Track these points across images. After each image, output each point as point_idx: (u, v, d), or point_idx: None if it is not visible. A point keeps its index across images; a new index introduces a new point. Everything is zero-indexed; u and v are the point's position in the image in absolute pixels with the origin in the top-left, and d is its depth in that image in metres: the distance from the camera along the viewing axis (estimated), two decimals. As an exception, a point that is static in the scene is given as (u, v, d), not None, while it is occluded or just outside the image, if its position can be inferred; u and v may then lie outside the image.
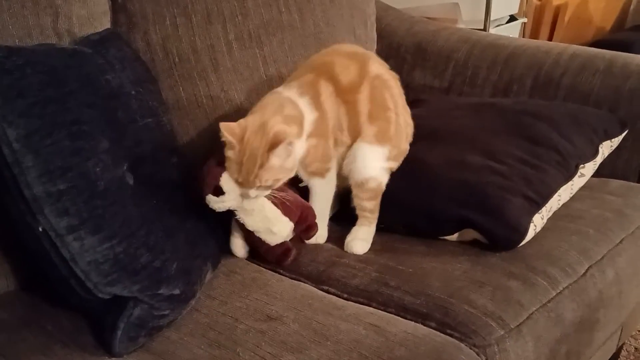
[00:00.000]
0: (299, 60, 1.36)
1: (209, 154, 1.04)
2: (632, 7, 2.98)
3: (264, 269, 1.06)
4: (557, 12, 2.78)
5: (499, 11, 2.01)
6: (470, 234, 1.03)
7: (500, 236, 0.98)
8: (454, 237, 1.05)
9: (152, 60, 1.21)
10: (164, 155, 1.07)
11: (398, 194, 1.09)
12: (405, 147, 1.14)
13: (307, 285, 1.01)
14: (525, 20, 2.32)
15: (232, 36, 1.29)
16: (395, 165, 1.10)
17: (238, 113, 1.28)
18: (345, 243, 1.07)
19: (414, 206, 1.07)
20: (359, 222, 1.08)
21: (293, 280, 1.02)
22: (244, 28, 1.30)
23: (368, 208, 1.08)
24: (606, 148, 1.25)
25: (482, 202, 1.01)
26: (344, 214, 1.11)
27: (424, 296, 0.90)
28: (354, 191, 1.07)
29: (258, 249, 1.05)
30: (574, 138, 1.18)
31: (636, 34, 2.63)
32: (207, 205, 0.98)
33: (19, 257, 0.97)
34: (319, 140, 1.03)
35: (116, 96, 0.98)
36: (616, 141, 1.28)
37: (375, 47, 1.65)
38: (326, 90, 1.05)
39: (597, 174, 1.26)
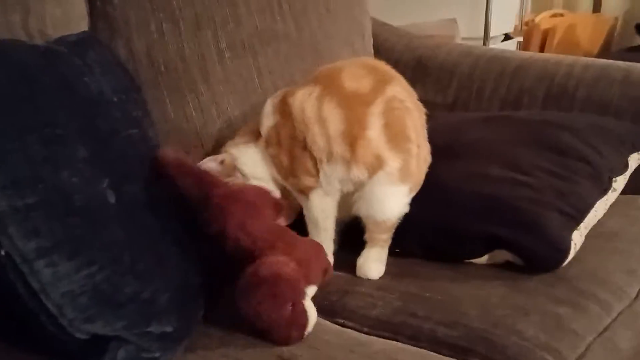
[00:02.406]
0: (295, 72, 1.26)
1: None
2: (617, 32, 2.98)
3: None
4: (545, 36, 2.75)
5: (495, 29, 1.95)
6: (502, 255, 0.91)
7: (540, 255, 0.86)
8: (482, 259, 0.93)
9: (135, 69, 1.09)
10: (150, 172, 0.94)
11: (415, 214, 0.97)
12: (422, 178, 0.99)
13: (319, 319, 0.87)
14: (521, 39, 2.27)
15: (224, 44, 1.17)
16: (413, 195, 0.97)
17: (230, 128, 1.16)
18: (358, 266, 0.94)
19: (434, 226, 0.95)
20: (369, 244, 0.95)
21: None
22: (237, 36, 1.19)
23: (383, 238, 0.96)
24: (634, 161, 1.16)
25: (514, 218, 0.89)
26: (349, 239, 0.98)
27: (461, 327, 0.78)
28: (369, 226, 0.94)
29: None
30: (602, 149, 1.08)
31: (622, 57, 2.61)
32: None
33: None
34: (279, 151, 0.94)
35: (96, 102, 0.85)
36: (644, 153, 1.19)
37: (373, 62, 1.56)
38: (308, 93, 0.93)
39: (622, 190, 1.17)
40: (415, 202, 0.97)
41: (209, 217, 0.83)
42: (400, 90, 0.98)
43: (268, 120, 0.94)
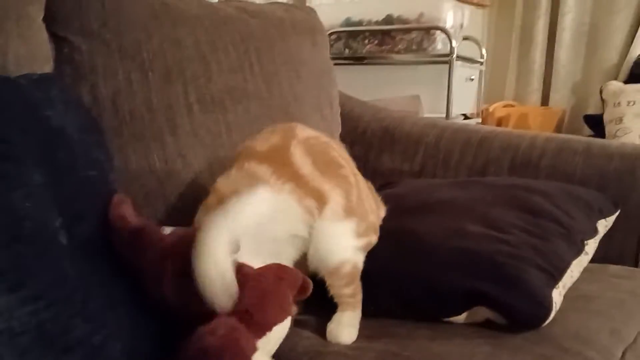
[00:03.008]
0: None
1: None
2: (565, 121, 3.14)
3: None
4: (499, 123, 2.87)
5: (456, 109, 2.01)
6: (482, 312, 0.86)
7: (522, 311, 0.81)
8: (461, 317, 0.87)
9: (99, 115, 1.04)
10: (104, 217, 0.87)
11: (389, 269, 0.92)
12: (372, 219, 0.97)
13: (289, 380, 0.79)
14: (479, 120, 2.35)
15: (194, 98, 1.15)
16: (367, 241, 0.93)
17: (196, 181, 1.11)
18: (328, 331, 0.87)
19: (410, 280, 0.90)
20: (340, 307, 0.89)
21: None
22: (207, 91, 1.17)
23: (348, 293, 0.90)
24: (602, 227, 1.15)
25: (495, 273, 0.85)
26: (320, 298, 0.91)
27: (447, 385, 0.71)
28: (329, 281, 0.88)
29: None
30: (573, 213, 1.08)
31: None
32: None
33: None
34: None
35: (56, 136, 0.79)
36: (610, 220, 1.19)
37: (339, 130, 1.56)
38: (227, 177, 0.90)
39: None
40: (389, 256, 0.92)
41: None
42: (311, 132, 0.96)
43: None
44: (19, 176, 0.60)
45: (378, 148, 1.55)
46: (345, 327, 0.87)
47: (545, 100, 3.23)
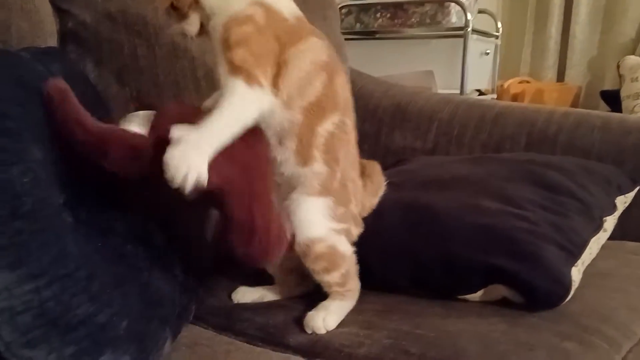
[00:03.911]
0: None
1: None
2: (581, 97, 3.08)
3: (238, 342, 0.82)
4: (514, 100, 2.81)
5: (471, 84, 1.96)
6: (498, 290, 0.83)
7: (541, 290, 0.79)
8: (476, 295, 0.85)
9: (104, 92, 1.02)
10: (109, 195, 0.85)
11: (401, 243, 0.90)
12: (354, 210, 0.89)
13: (297, 358, 0.77)
14: (494, 96, 2.30)
15: (201, 73, 1.12)
16: (345, 227, 0.85)
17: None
18: (307, 316, 0.81)
19: (424, 257, 0.87)
20: (330, 297, 0.84)
21: (279, 353, 0.78)
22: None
23: (333, 282, 0.83)
24: (620, 204, 1.12)
25: (513, 250, 0.82)
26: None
27: (461, 364, 0.69)
28: (305, 264, 0.83)
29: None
30: (591, 189, 1.05)
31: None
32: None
33: None
34: (267, 32, 0.75)
35: (58, 111, 0.77)
36: (629, 197, 1.15)
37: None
38: (318, 48, 0.82)
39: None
40: (401, 230, 0.90)
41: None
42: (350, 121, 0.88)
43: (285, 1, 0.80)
44: (17, 151, 0.58)
45: (390, 125, 1.51)
46: (324, 313, 0.81)
47: (561, 76, 3.16)
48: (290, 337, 0.81)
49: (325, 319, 0.81)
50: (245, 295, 0.92)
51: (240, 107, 0.73)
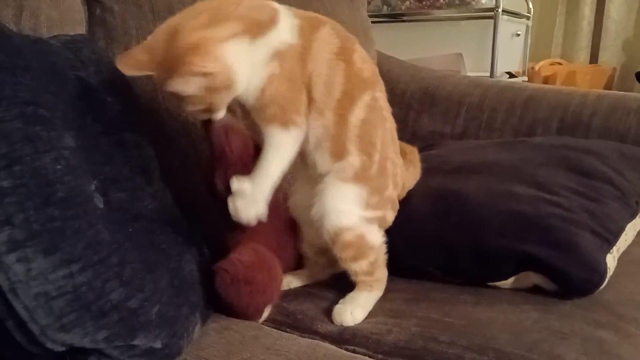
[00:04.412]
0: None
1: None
2: (615, 80, 2.99)
3: (266, 327, 0.82)
4: (546, 83, 2.75)
5: (501, 66, 1.92)
6: (530, 277, 0.82)
7: (575, 277, 0.77)
8: (507, 282, 0.84)
9: (132, 79, 1.02)
10: (141, 181, 0.85)
11: (431, 230, 0.89)
12: (392, 194, 0.88)
13: (326, 344, 0.77)
14: (525, 78, 2.25)
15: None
16: (379, 215, 0.85)
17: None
18: (334, 311, 0.81)
19: (456, 244, 0.86)
20: (356, 287, 0.84)
21: (307, 339, 0.78)
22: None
23: (360, 270, 0.83)
24: (658, 189, 1.09)
25: (547, 237, 0.81)
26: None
27: (492, 352, 0.68)
28: (334, 251, 0.83)
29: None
30: (627, 174, 1.02)
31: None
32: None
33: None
34: (288, 71, 0.76)
35: (87, 98, 0.77)
36: (667, 181, 1.12)
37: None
38: (327, 38, 0.80)
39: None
40: (432, 216, 0.89)
41: None
42: (382, 97, 0.88)
43: (286, 35, 0.77)
44: (49, 139, 0.59)
45: (417, 109, 1.49)
46: (351, 306, 0.81)
47: (594, 58, 3.07)
48: (318, 324, 0.81)
49: (353, 312, 0.80)
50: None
51: (281, 152, 0.78)
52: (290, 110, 0.77)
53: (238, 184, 0.77)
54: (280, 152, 0.78)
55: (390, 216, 0.88)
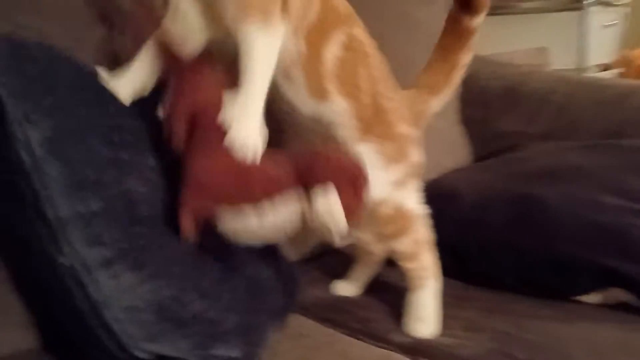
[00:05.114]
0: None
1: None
2: None
3: (339, 333, 0.83)
4: (641, 72, 2.57)
5: (591, 58, 1.82)
6: (616, 294, 0.79)
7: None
8: (591, 297, 0.81)
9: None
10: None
11: (507, 237, 0.87)
12: (402, 130, 0.78)
13: (400, 356, 0.78)
14: (623, 70, 2.11)
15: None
16: (403, 173, 0.77)
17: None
18: (403, 323, 0.81)
19: (536, 255, 0.84)
20: (410, 285, 0.81)
21: (381, 350, 0.79)
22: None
23: (404, 253, 0.79)
24: None
25: (630, 250, 0.77)
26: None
27: (571, 374, 0.66)
28: (377, 229, 0.79)
29: None
30: None
31: None
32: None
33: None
34: None
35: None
36: None
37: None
38: None
39: None
40: (511, 225, 0.86)
41: None
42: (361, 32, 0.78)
43: None
44: (133, 162, 0.63)
45: (498, 109, 1.45)
46: (421, 318, 0.80)
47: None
48: (392, 334, 0.81)
49: (424, 325, 0.80)
50: (344, 288, 0.93)
51: (264, 56, 0.66)
52: (268, 5, 0.66)
53: (229, 111, 0.64)
54: (262, 57, 0.66)
55: (416, 154, 0.80)
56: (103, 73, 0.68)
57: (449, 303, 0.83)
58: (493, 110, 1.46)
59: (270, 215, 0.60)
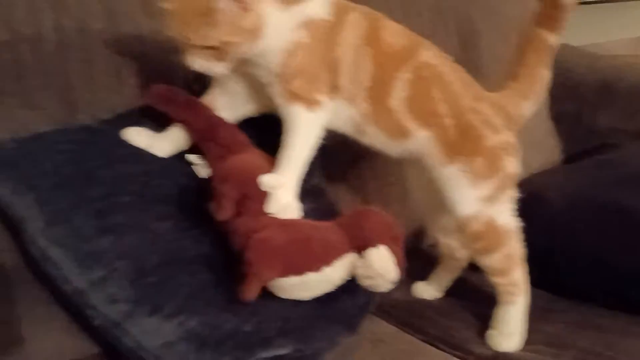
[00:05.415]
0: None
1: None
2: None
3: (417, 341, 0.82)
4: None
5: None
6: None
7: None
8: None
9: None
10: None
11: (596, 249, 0.82)
12: (493, 142, 0.76)
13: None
14: None
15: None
16: (495, 183, 0.75)
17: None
18: (488, 336, 0.79)
19: (621, 268, 0.78)
20: (498, 299, 0.78)
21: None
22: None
23: (495, 268, 0.77)
24: None
25: None
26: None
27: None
28: (467, 245, 0.80)
29: None
30: None
31: None
32: None
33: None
34: (316, 45, 0.71)
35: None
36: None
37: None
38: (356, 22, 0.74)
39: None
40: (599, 235, 0.81)
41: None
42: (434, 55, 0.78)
43: (319, 8, 0.73)
44: (132, 222, 0.67)
45: (593, 104, 1.36)
46: (506, 333, 0.78)
47: None
48: (471, 344, 0.79)
49: (510, 340, 0.78)
50: (425, 291, 0.92)
51: (307, 134, 0.73)
52: (315, 87, 0.72)
53: (270, 178, 0.69)
54: (303, 135, 0.72)
55: (511, 164, 0.77)
56: (142, 131, 0.74)
57: (534, 315, 0.79)
58: (587, 106, 1.37)
59: (329, 277, 0.66)
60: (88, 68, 0.79)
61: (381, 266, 0.65)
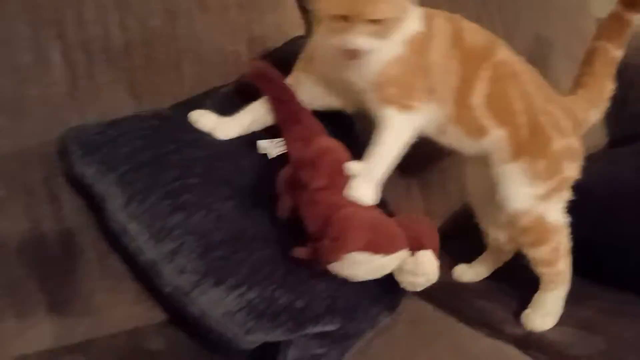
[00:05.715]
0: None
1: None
2: None
3: (454, 321, 0.86)
4: None
5: None
6: None
7: None
8: None
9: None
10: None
11: (635, 236, 0.84)
12: (558, 147, 0.79)
13: (510, 347, 0.81)
14: None
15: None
16: (554, 184, 0.79)
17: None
18: (524, 315, 0.82)
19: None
20: (541, 285, 0.82)
21: (492, 339, 0.82)
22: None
23: (541, 259, 0.80)
24: None
25: None
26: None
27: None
28: (515, 236, 0.83)
29: None
30: None
31: None
32: None
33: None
34: (413, 56, 0.74)
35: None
36: None
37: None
38: (442, 27, 0.77)
39: None
40: (635, 220, 0.83)
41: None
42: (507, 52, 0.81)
43: (414, 21, 0.75)
44: (199, 202, 0.72)
45: (640, 88, 1.35)
46: (542, 313, 0.82)
47: None
48: (505, 324, 0.83)
49: (544, 320, 0.81)
50: (464, 273, 0.95)
51: (398, 133, 0.76)
52: (408, 94, 0.75)
53: (355, 166, 0.74)
54: (394, 134, 0.75)
55: (571, 169, 0.81)
56: (206, 114, 0.79)
57: (569, 300, 0.82)
58: (634, 90, 1.35)
59: (389, 264, 0.71)
60: (150, 62, 0.85)
61: (429, 267, 0.71)
